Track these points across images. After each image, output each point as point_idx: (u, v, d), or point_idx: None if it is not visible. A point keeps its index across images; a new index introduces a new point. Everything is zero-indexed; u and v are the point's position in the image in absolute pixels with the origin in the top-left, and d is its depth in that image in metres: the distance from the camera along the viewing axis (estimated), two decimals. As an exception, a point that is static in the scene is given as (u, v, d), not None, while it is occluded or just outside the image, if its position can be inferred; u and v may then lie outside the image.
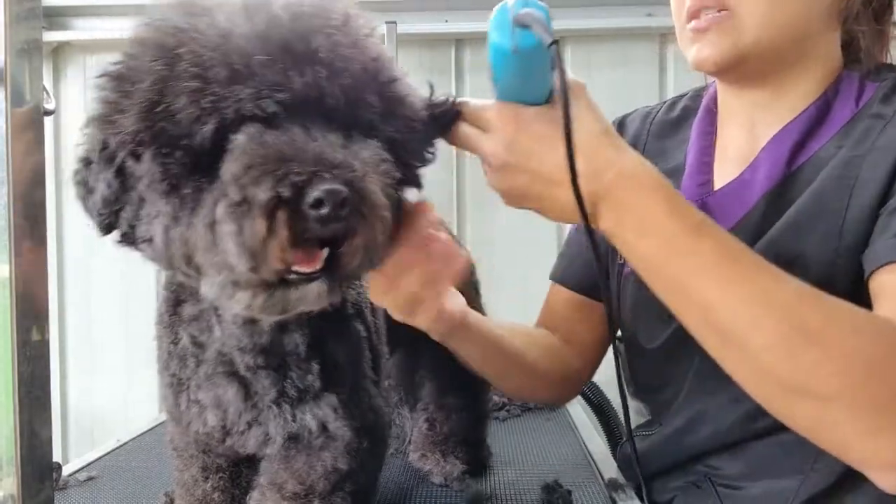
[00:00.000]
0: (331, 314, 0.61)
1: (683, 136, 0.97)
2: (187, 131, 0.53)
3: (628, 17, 2.06)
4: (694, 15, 0.84)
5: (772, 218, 0.83)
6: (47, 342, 0.68)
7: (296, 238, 0.51)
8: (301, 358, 0.68)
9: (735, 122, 0.92)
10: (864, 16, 0.86)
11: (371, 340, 0.76)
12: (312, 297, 0.55)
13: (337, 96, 0.56)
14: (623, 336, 1.02)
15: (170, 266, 0.59)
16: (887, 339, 0.62)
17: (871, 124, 0.80)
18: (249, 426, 0.70)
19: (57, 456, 0.70)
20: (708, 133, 0.95)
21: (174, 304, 0.70)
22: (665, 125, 1.02)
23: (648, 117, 1.04)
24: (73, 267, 2.19)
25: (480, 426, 1.06)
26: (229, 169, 0.52)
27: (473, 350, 0.88)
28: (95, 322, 2.20)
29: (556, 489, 0.90)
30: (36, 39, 0.66)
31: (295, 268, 0.53)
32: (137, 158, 0.55)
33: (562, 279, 1.07)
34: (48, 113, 0.69)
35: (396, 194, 0.62)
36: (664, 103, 1.05)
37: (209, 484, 0.77)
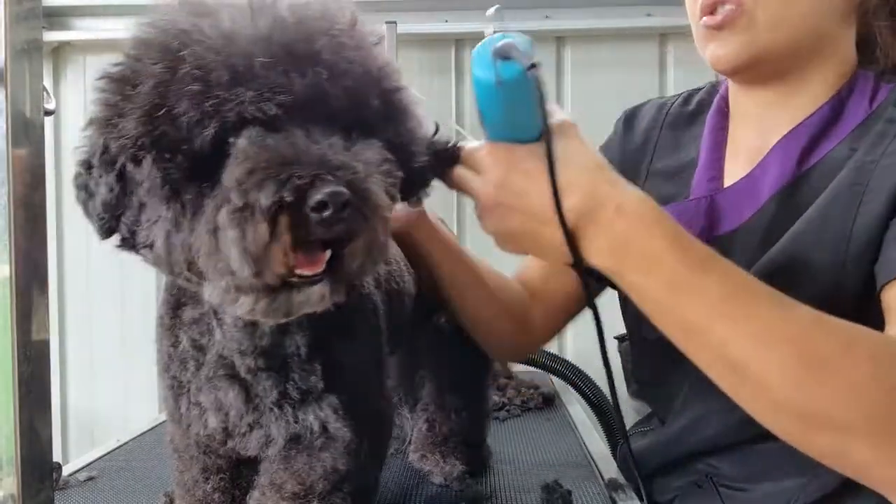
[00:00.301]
0: (333, 315, 0.61)
1: (698, 131, 0.97)
2: (188, 135, 0.53)
3: (628, 17, 2.05)
4: (709, 9, 0.82)
5: (781, 218, 0.82)
6: (47, 342, 0.68)
7: (298, 241, 0.51)
8: (303, 359, 0.68)
9: (746, 120, 0.91)
10: (883, 11, 0.84)
11: (374, 341, 0.76)
12: (316, 300, 0.55)
13: (339, 98, 0.56)
14: (626, 326, 1.02)
15: (171, 271, 0.59)
16: None
17: (886, 129, 0.79)
18: (251, 428, 0.69)
19: (57, 456, 0.70)
20: (719, 130, 0.94)
21: (174, 307, 0.70)
22: (680, 118, 1.01)
23: (663, 108, 1.03)
24: (73, 267, 2.19)
25: (481, 426, 1.06)
26: (231, 174, 0.52)
27: (438, 252, 0.88)
28: (95, 322, 2.20)
29: (556, 489, 0.90)
30: (36, 39, 0.66)
31: (298, 271, 0.53)
32: (138, 163, 0.55)
33: None
34: (48, 113, 0.69)
35: (398, 194, 0.62)
36: (679, 96, 1.05)
37: (209, 485, 0.77)
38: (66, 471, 1.05)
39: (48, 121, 0.69)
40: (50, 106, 0.69)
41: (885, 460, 0.60)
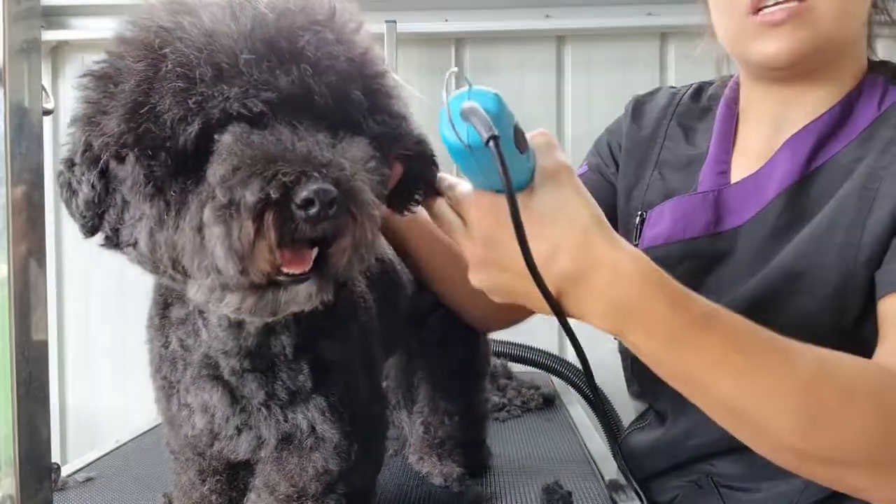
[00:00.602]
0: (321, 314, 0.60)
1: (709, 126, 0.97)
2: (172, 133, 0.53)
3: (628, 17, 2.05)
4: (757, 6, 0.80)
5: (787, 215, 0.82)
6: (46, 343, 0.68)
7: (284, 239, 0.51)
8: (290, 359, 0.67)
9: (757, 117, 0.91)
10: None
11: (366, 341, 0.75)
12: (303, 298, 0.54)
13: (324, 94, 0.55)
14: None
15: (155, 270, 0.58)
16: None
17: (894, 135, 0.79)
18: (239, 431, 0.69)
19: (56, 456, 0.69)
20: (728, 124, 0.94)
21: (163, 307, 0.70)
22: (691, 111, 1.01)
23: (675, 98, 1.03)
24: (73, 267, 2.19)
25: (478, 428, 1.05)
26: (216, 171, 0.52)
27: (416, 236, 0.88)
28: (94, 322, 2.20)
29: (557, 490, 0.89)
30: (35, 39, 0.66)
31: (284, 269, 0.52)
32: (121, 160, 0.55)
33: None
34: (47, 112, 0.68)
35: (384, 192, 0.61)
36: (690, 86, 1.04)
37: (206, 487, 0.76)
38: (65, 471, 1.05)
39: (47, 120, 0.68)
40: (49, 105, 0.69)
41: (883, 485, 0.62)
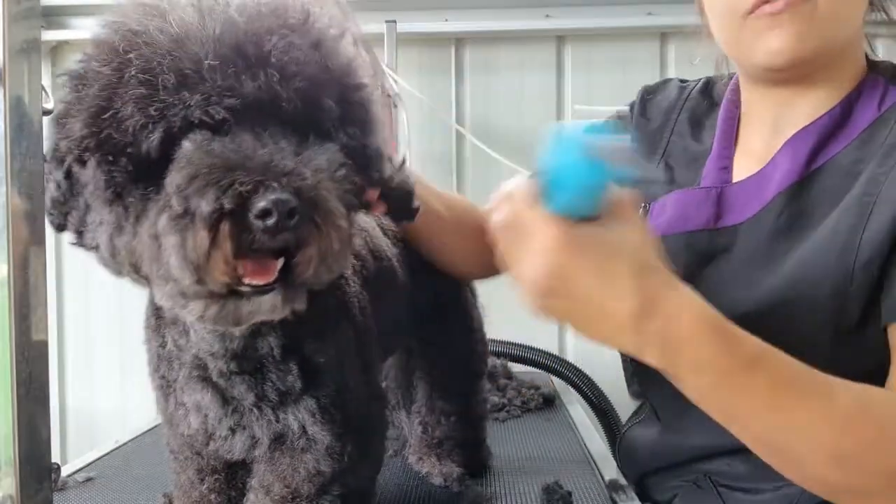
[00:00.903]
0: (310, 315, 0.60)
1: (715, 122, 0.97)
2: (133, 139, 0.52)
3: (628, 17, 2.05)
4: (758, 4, 0.79)
5: (787, 214, 0.83)
6: (46, 343, 0.68)
7: (241, 250, 0.50)
8: (278, 360, 0.67)
9: (759, 120, 0.91)
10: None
11: (360, 341, 0.74)
12: (266, 309, 0.54)
13: (292, 100, 0.54)
14: None
15: (119, 273, 0.58)
16: None
17: (893, 141, 0.79)
18: (233, 431, 0.69)
19: (56, 456, 0.69)
20: (730, 123, 0.95)
21: (157, 308, 0.69)
22: (700, 106, 1.01)
23: (684, 91, 1.03)
24: (73, 267, 2.19)
25: (476, 429, 1.05)
26: (173, 179, 0.51)
27: None
28: (94, 322, 2.20)
29: (557, 490, 0.89)
30: (35, 39, 0.66)
31: (247, 280, 0.52)
32: (83, 164, 0.55)
33: None
34: (47, 112, 0.68)
35: (356, 200, 0.60)
36: (699, 81, 1.05)
37: (205, 486, 0.76)
38: (65, 471, 1.05)
39: (46, 120, 0.68)
40: (48, 105, 0.69)
41: None
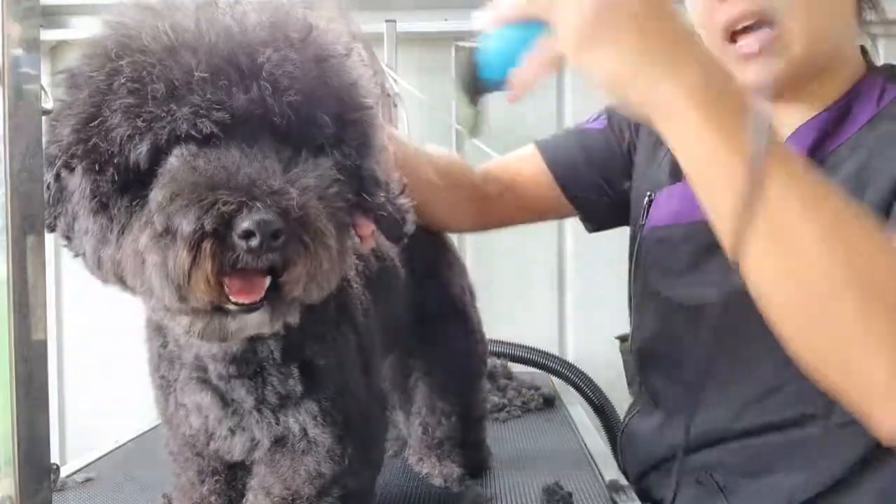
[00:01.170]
0: (311, 318, 0.59)
1: None
2: (120, 150, 0.51)
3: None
4: (732, 31, 0.82)
5: None
6: (46, 343, 0.68)
7: (223, 269, 0.49)
8: (278, 363, 0.66)
9: None
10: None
11: (361, 343, 0.74)
12: (253, 326, 0.53)
13: (284, 114, 0.53)
14: (634, 292, 1.05)
15: (105, 282, 0.58)
16: None
17: (890, 127, 0.80)
18: (232, 433, 0.69)
19: (55, 457, 0.69)
20: None
21: None
22: None
23: None
24: (72, 267, 2.18)
25: (476, 429, 1.05)
26: (155, 196, 0.50)
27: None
28: (94, 322, 2.20)
29: (557, 491, 0.89)
30: (34, 38, 0.66)
31: (233, 298, 0.51)
32: (71, 171, 0.54)
33: (544, 150, 1.10)
34: (47, 112, 0.68)
35: (347, 218, 0.59)
36: None
37: (205, 487, 0.76)
38: (64, 472, 1.05)
39: (46, 120, 0.68)
40: (48, 105, 0.69)
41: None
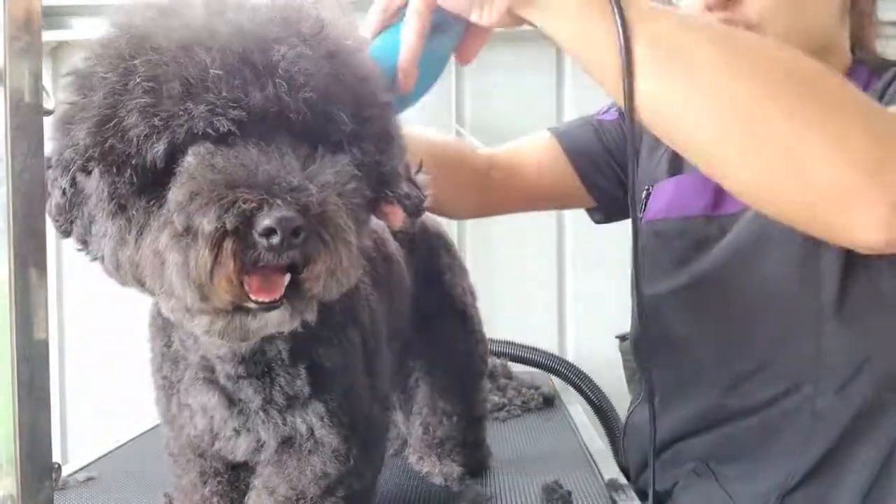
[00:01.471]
0: (319, 319, 0.59)
1: None
2: (137, 150, 0.51)
3: (628, 17, 2.05)
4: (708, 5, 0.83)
5: None
6: (47, 342, 0.68)
7: (244, 267, 0.49)
8: (287, 364, 0.66)
9: None
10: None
11: (367, 345, 0.74)
12: (274, 324, 0.53)
13: (301, 111, 0.53)
14: (632, 285, 1.05)
15: (124, 284, 0.57)
16: None
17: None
18: (237, 433, 0.69)
19: (56, 456, 0.69)
20: None
21: None
22: None
23: None
24: (73, 266, 2.19)
25: (476, 428, 1.05)
26: (175, 195, 0.50)
27: None
28: (96, 322, 2.20)
29: (557, 490, 0.90)
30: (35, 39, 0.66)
31: (253, 296, 0.51)
32: (87, 174, 0.54)
33: (562, 137, 1.10)
34: (48, 113, 0.68)
35: (366, 214, 0.59)
36: None
37: (207, 488, 0.76)
38: (66, 471, 1.05)
39: (47, 120, 0.68)
40: (49, 105, 0.69)
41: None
